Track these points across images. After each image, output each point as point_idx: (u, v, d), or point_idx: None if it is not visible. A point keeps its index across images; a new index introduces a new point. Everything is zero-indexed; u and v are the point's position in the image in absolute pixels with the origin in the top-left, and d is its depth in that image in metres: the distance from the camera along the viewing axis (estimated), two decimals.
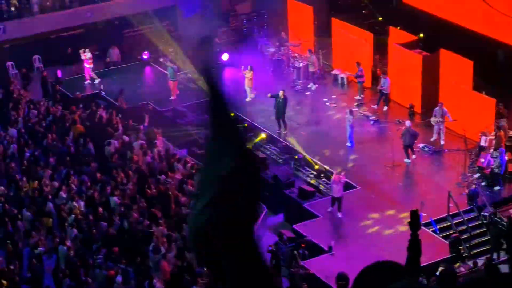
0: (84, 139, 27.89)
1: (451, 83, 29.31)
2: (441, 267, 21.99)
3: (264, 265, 2.90)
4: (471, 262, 23.62)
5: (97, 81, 34.47)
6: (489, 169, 26.43)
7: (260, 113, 31.20)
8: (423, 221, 24.10)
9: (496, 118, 27.93)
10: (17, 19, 35.74)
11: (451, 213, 25.29)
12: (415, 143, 28.16)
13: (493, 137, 27.09)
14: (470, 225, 25.12)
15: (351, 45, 33.10)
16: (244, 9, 38.50)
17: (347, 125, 29.16)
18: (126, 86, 33.14)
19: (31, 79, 34.20)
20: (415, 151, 28.17)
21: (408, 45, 31.28)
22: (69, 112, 29.86)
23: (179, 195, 25.14)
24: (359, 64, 32.05)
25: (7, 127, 28.99)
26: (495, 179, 26.40)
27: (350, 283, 20.37)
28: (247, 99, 32.37)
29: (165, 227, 23.43)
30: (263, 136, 30.07)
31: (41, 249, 22.31)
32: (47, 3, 36.31)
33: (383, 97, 31.33)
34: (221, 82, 2.83)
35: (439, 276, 21.05)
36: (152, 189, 25.28)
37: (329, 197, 26.23)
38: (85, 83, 34.59)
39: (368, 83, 32.58)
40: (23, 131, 28.88)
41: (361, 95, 32.21)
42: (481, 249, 24.69)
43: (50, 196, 24.67)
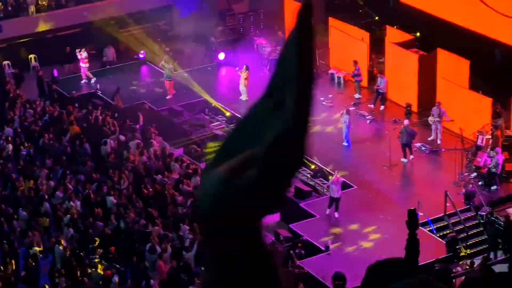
0: (80, 139, 27.80)
1: (447, 82, 29.29)
2: (436, 267, 21.98)
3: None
4: (468, 261, 23.59)
5: (93, 80, 34.39)
6: (486, 169, 26.40)
7: None
8: (420, 221, 24.09)
9: (493, 117, 27.90)
10: (14, 18, 35.65)
11: (448, 212, 25.26)
12: (413, 142, 28.12)
13: (490, 136, 27.06)
14: (467, 225, 25.08)
15: (348, 45, 33.04)
16: (240, 8, 38.42)
17: (344, 125, 29.10)
18: (122, 85, 33.06)
19: (24, 79, 34.08)
20: (413, 151, 28.13)
21: (404, 45, 31.24)
22: (66, 112, 29.72)
23: (176, 194, 25.07)
24: (356, 63, 32.01)
25: (3, 126, 28.91)
26: (492, 179, 26.37)
27: (346, 283, 20.38)
28: (243, 99, 32.35)
29: (161, 227, 23.37)
30: None
31: (36, 248, 22.24)
32: (44, 2, 36.21)
33: (380, 96, 31.30)
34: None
35: (435, 273, 21.05)
36: (148, 189, 25.21)
37: (326, 197, 26.19)
38: (81, 82, 34.53)
39: (364, 82, 32.53)
40: (19, 130, 28.79)
41: (359, 94, 32.18)
42: (478, 249, 24.65)
43: (46, 195, 24.60)
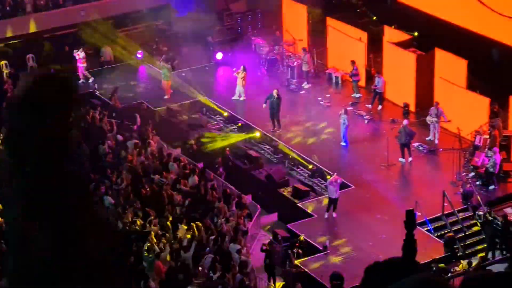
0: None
1: (445, 82, 29.26)
2: (433, 267, 21.97)
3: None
4: (466, 261, 23.58)
5: (90, 80, 34.35)
6: (484, 168, 26.37)
7: (254, 112, 31.15)
8: (418, 221, 24.07)
9: (490, 117, 27.88)
10: (11, 18, 35.56)
11: (445, 212, 25.24)
12: (411, 142, 28.06)
13: (488, 136, 27.03)
14: (464, 225, 25.07)
15: (346, 44, 33.01)
16: (238, 8, 38.39)
17: (342, 124, 29.06)
18: (120, 85, 33.02)
19: (19, 79, 33.95)
20: (411, 153, 28.03)
21: (402, 44, 31.22)
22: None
23: (174, 194, 25.04)
24: (353, 62, 31.98)
25: (0, 126, 28.79)
26: (490, 178, 26.35)
27: (344, 282, 20.37)
28: (241, 99, 32.33)
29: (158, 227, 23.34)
30: (257, 135, 29.98)
31: None
32: (41, 2, 36.13)
33: (377, 96, 31.27)
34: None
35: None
36: (146, 189, 25.17)
37: (323, 197, 26.17)
38: (79, 82, 34.44)
39: (362, 82, 32.50)
40: None
41: (358, 94, 32.16)
42: (476, 249, 24.63)
43: None
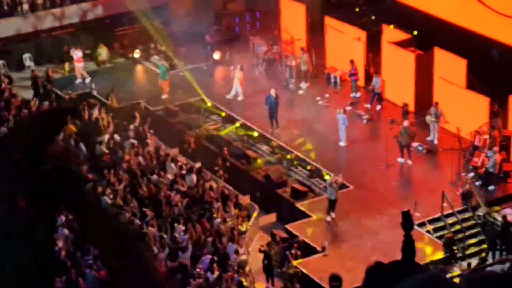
0: (75, 138, 27.66)
1: (444, 81, 29.15)
2: (431, 268, 21.88)
3: None
4: (465, 262, 23.48)
5: (87, 80, 34.25)
6: (484, 169, 26.27)
7: (253, 111, 31.08)
8: (417, 221, 23.96)
9: (490, 117, 27.77)
10: (8, 17, 35.47)
11: (445, 213, 25.13)
12: (411, 142, 27.94)
13: (488, 136, 26.92)
14: (464, 225, 24.96)
15: (345, 44, 32.90)
16: (236, 8, 38.32)
17: (340, 124, 28.96)
18: (117, 84, 32.95)
19: (12, 80, 33.91)
20: (411, 155, 27.89)
21: (401, 44, 31.11)
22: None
23: (171, 195, 24.93)
24: (352, 62, 31.88)
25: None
26: (490, 179, 26.24)
27: (343, 284, 20.24)
28: (239, 99, 32.25)
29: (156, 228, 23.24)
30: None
31: None
32: (38, 1, 36.03)
33: (376, 96, 31.16)
34: None
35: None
36: (143, 189, 25.07)
37: (322, 197, 26.06)
38: (76, 82, 34.37)
39: (361, 81, 32.40)
40: None
41: (357, 93, 32.06)
42: (476, 249, 24.52)
43: None
